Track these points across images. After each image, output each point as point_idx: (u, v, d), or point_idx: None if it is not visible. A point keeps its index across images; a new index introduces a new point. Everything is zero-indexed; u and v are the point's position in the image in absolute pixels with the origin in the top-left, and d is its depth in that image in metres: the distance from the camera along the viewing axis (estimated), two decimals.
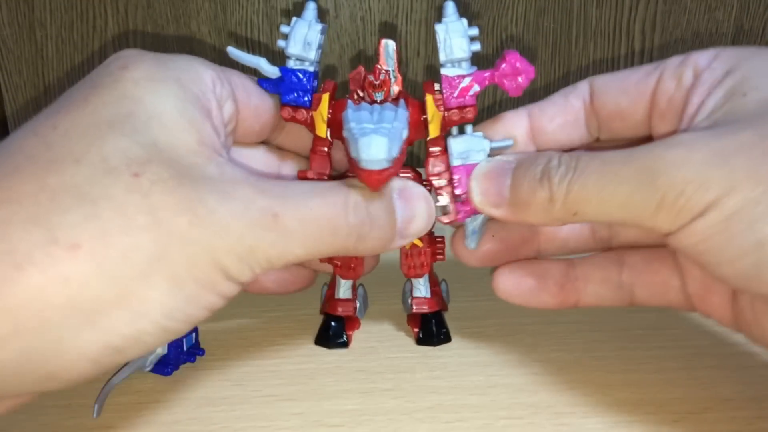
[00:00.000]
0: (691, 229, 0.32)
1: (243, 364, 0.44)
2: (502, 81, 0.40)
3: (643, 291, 0.41)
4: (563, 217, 0.36)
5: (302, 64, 0.41)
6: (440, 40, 0.40)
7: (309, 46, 0.41)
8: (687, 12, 0.76)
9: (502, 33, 0.74)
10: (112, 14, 0.73)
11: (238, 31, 0.74)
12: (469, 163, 0.40)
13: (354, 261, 0.44)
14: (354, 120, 0.37)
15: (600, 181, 0.34)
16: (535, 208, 0.36)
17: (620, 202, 0.33)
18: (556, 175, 0.35)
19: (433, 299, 0.46)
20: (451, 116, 0.40)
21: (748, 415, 0.39)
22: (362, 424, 0.39)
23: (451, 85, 0.40)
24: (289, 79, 0.41)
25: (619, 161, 0.33)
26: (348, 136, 0.37)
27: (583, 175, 0.34)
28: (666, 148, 0.32)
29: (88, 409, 0.39)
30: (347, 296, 0.46)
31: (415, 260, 0.44)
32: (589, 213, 0.35)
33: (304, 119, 0.41)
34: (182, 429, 0.39)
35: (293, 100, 0.41)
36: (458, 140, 0.41)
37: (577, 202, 0.35)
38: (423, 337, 0.46)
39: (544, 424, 0.39)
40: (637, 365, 0.44)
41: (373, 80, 0.40)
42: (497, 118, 0.42)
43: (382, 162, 0.35)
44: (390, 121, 0.37)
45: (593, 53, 0.76)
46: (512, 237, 0.43)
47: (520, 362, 0.44)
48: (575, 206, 0.35)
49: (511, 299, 0.42)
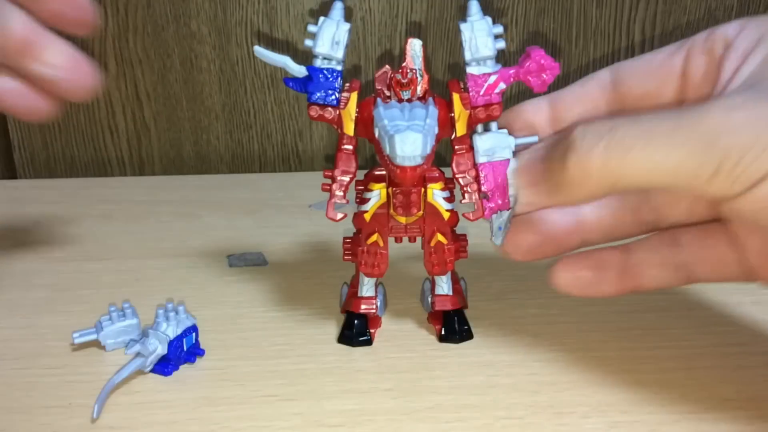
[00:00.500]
0: (753, 195, 0.31)
1: (243, 364, 0.44)
2: (527, 78, 0.40)
3: (701, 268, 0.40)
4: (601, 189, 0.34)
5: (329, 63, 0.41)
6: (465, 39, 0.40)
7: (337, 45, 0.41)
8: (687, 12, 0.76)
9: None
10: (112, 14, 0.73)
11: (238, 31, 0.74)
12: (495, 160, 0.41)
13: (377, 259, 0.45)
14: (387, 117, 0.38)
15: (647, 147, 0.32)
16: (571, 184, 0.35)
17: (670, 168, 0.32)
18: (587, 146, 0.34)
19: (455, 297, 0.46)
20: (478, 114, 0.41)
21: (748, 415, 0.39)
22: (362, 424, 0.39)
23: (477, 84, 0.40)
24: (317, 78, 0.41)
25: (667, 126, 0.32)
26: (381, 133, 0.37)
27: (623, 142, 0.33)
28: (724, 111, 0.31)
29: (88, 409, 0.39)
30: (370, 294, 0.46)
31: (439, 257, 0.45)
32: (632, 181, 0.33)
33: (332, 118, 0.42)
34: (182, 429, 0.39)
35: (321, 98, 0.41)
36: (484, 138, 0.41)
37: (618, 171, 0.33)
38: (445, 334, 0.46)
39: (544, 424, 0.39)
40: (637, 365, 0.44)
41: (400, 79, 0.41)
42: (516, 109, 0.42)
43: (416, 158, 0.36)
44: (422, 119, 0.38)
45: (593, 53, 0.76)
46: (555, 229, 0.41)
47: (520, 362, 0.44)
48: (614, 175, 0.33)
49: (571, 293, 0.41)
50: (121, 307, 0.45)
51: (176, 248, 0.59)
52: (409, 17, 0.75)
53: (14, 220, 0.64)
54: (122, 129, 0.78)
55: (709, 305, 0.50)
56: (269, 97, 0.77)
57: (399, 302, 0.50)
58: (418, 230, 0.44)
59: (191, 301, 0.50)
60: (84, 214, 0.65)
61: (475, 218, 0.42)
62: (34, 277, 0.55)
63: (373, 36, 0.75)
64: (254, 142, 0.79)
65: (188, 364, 0.44)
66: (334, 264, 0.55)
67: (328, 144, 0.80)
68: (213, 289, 0.53)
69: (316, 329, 0.47)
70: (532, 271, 0.55)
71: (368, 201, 0.43)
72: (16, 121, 0.77)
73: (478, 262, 0.54)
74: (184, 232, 0.62)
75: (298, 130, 0.79)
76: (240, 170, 0.80)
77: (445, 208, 0.43)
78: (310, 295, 0.52)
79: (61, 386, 0.42)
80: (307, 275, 0.54)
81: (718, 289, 0.52)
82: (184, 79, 0.76)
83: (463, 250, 0.46)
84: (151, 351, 0.42)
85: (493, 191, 0.41)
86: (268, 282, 0.53)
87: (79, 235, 0.62)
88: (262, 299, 0.51)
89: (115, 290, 0.52)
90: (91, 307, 0.50)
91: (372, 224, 0.44)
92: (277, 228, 0.63)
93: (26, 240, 0.61)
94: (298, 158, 0.80)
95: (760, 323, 0.48)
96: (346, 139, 0.42)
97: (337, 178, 0.42)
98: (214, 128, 0.78)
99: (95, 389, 0.40)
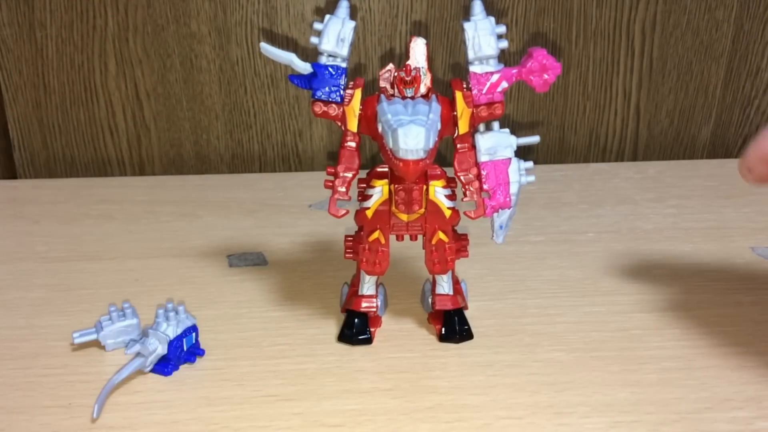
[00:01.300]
0: None
1: (243, 364, 0.44)
2: (529, 77, 0.41)
3: None
4: None
5: (334, 60, 0.42)
6: (468, 38, 0.41)
7: (342, 42, 0.41)
8: (687, 12, 0.76)
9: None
10: (112, 14, 0.73)
11: (238, 31, 0.74)
12: (497, 159, 0.41)
13: (379, 257, 0.45)
14: (390, 112, 0.38)
15: None
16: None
17: None
18: None
19: (456, 297, 0.47)
20: (480, 112, 0.41)
21: (748, 415, 0.39)
22: (362, 424, 0.39)
23: (479, 82, 0.41)
24: (322, 75, 0.41)
25: None
26: (384, 127, 0.38)
27: None
28: None
29: (88, 409, 0.39)
30: (371, 292, 0.47)
31: (440, 255, 0.45)
32: None
33: (336, 114, 0.42)
34: (182, 429, 0.39)
35: (325, 95, 0.42)
36: (486, 136, 0.42)
37: None
38: (445, 334, 0.46)
39: (544, 424, 0.39)
40: (637, 365, 0.44)
41: (404, 77, 0.41)
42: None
43: (419, 152, 0.36)
44: (425, 114, 0.38)
45: (593, 53, 0.76)
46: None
47: (520, 362, 0.44)
48: None
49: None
50: (121, 307, 0.45)
51: (176, 248, 0.59)
52: (409, 17, 0.75)
53: (14, 220, 0.64)
54: (122, 129, 0.78)
55: (709, 305, 0.50)
56: (269, 97, 0.77)
57: (399, 302, 0.50)
58: (419, 228, 0.44)
59: (191, 301, 0.50)
60: (84, 214, 0.65)
61: (477, 216, 0.42)
62: (34, 277, 0.55)
63: (374, 35, 0.75)
64: (254, 142, 0.79)
65: (188, 364, 0.44)
66: (334, 263, 0.55)
67: (328, 144, 0.80)
68: (213, 289, 0.53)
69: (316, 329, 0.47)
70: (532, 271, 0.55)
71: (370, 198, 0.43)
72: (16, 121, 0.77)
73: (478, 262, 0.54)
74: (184, 232, 0.62)
75: (298, 130, 0.79)
76: (240, 170, 0.80)
77: (446, 205, 0.43)
78: (310, 294, 0.52)
79: (61, 386, 0.42)
80: (307, 275, 0.54)
81: (719, 289, 0.52)
82: (184, 79, 0.76)
83: (464, 249, 0.46)
84: (151, 351, 0.42)
85: (494, 190, 0.41)
86: (268, 282, 0.53)
87: (79, 235, 0.62)
88: (262, 299, 0.51)
89: (116, 290, 0.52)
90: (90, 306, 0.50)
91: (374, 221, 0.44)
92: (277, 228, 0.63)
93: (26, 240, 0.61)
94: (298, 158, 0.80)
95: (760, 323, 0.48)
96: (350, 135, 0.42)
97: (339, 174, 0.43)
98: (214, 128, 0.78)
99: (95, 389, 0.40)
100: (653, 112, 0.80)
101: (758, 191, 0.67)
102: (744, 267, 0.55)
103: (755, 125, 0.81)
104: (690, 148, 0.82)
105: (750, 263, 0.56)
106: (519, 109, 0.79)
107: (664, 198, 0.67)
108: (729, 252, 0.57)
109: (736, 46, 0.78)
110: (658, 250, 0.58)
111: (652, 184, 0.71)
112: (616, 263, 0.56)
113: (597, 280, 0.53)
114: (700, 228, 0.62)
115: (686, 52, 0.78)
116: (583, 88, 0.78)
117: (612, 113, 0.80)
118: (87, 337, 0.45)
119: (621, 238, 0.60)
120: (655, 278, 0.54)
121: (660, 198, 0.67)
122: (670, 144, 0.82)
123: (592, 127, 0.80)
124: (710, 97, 0.80)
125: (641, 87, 0.78)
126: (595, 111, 0.79)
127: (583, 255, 0.57)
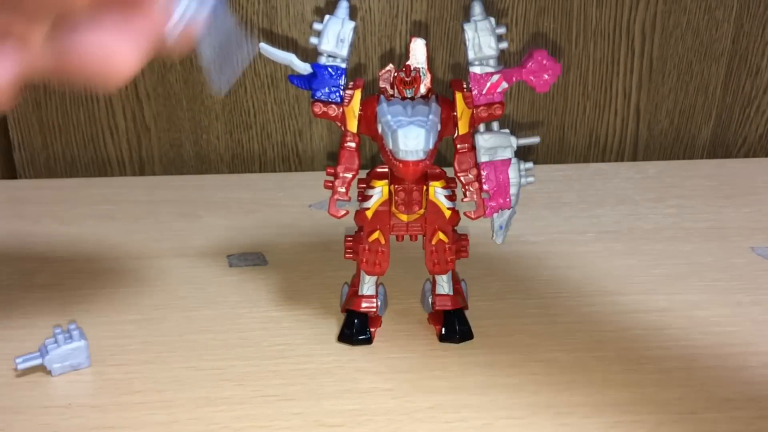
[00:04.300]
0: None
1: (243, 364, 0.44)
2: (529, 78, 0.41)
3: None
4: None
5: (333, 60, 0.42)
6: (469, 39, 0.41)
7: (342, 43, 0.41)
8: (687, 12, 0.76)
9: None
10: None
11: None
12: (497, 160, 0.41)
13: (379, 257, 0.45)
14: (390, 113, 0.39)
15: None
16: None
17: None
18: None
19: (456, 297, 0.47)
20: (480, 113, 0.41)
21: (748, 415, 0.39)
22: (362, 424, 0.39)
23: (479, 83, 0.41)
24: (322, 75, 0.42)
25: None
26: (384, 128, 0.38)
27: None
28: None
29: (88, 409, 0.39)
30: (371, 293, 0.47)
31: (440, 256, 0.45)
32: None
33: (336, 115, 0.42)
34: (182, 429, 0.39)
35: (325, 95, 0.42)
36: (486, 137, 0.42)
37: None
38: (445, 334, 0.46)
39: (544, 424, 0.39)
40: (637, 365, 0.44)
41: (404, 77, 0.41)
42: None
43: (419, 153, 0.36)
44: (425, 115, 0.38)
45: (593, 53, 0.76)
46: None
47: (520, 362, 0.44)
48: None
49: None
50: (67, 328, 0.43)
51: (176, 248, 0.59)
52: (409, 17, 0.75)
53: (14, 220, 0.64)
54: (122, 129, 0.78)
55: (709, 305, 0.50)
56: (269, 97, 0.77)
57: (399, 302, 0.50)
58: (419, 228, 0.44)
59: (191, 301, 0.50)
60: (84, 214, 0.65)
61: (477, 217, 0.42)
62: (34, 277, 0.55)
63: (374, 35, 0.75)
64: (254, 142, 0.79)
65: (186, 364, 0.44)
66: (334, 264, 0.55)
67: (328, 144, 0.80)
68: (213, 289, 0.53)
69: (316, 329, 0.47)
70: (532, 271, 0.55)
71: (370, 198, 0.43)
72: (16, 121, 0.77)
73: (478, 262, 0.54)
74: (184, 232, 0.62)
75: (298, 130, 0.79)
76: (240, 170, 0.80)
77: (446, 206, 0.43)
78: (310, 294, 0.52)
79: (62, 386, 0.42)
80: (307, 275, 0.54)
81: (719, 289, 0.52)
82: (184, 79, 0.76)
83: (464, 249, 0.46)
84: None
85: (494, 190, 0.41)
86: (268, 282, 0.53)
87: (79, 235, 0.62)
88: (262, 299, 0.51)
89: (116, 290, 0.52)
90: (90, 306, 0.50)
91: (374, 221, 0.44)
92: (277, 228, 0.63)
93: (26, 240, 0.61)
94: (298, 158, 0.80)
95: (760, 323, 0.48)
96: (350, 136, 0.42)
97: (339, 174, 0.43)
98: (214, 128, 0.78)
99: (95, 389, 0.40)
100: (653, 112, 0.80)
101: (758, 191, 0.67)
102: (744, 267, 0.55)
103: (755, 125, 0.81)
104: (690, 148, 0.82)
105: (750, 263, 0.56)
106: (519, 110, 0.79)
107: (664, 198, 0.67)
108: (729, 252, 0.57)
109: (736, 46, 0.78)
110: (658, 250, 0.58)
111: (652, 184, 0.71)
112: (616, 263, 0.56)
113: (597, 280, 0.53)
114: (700, 228, 0.62)
115: (686, 52, 0.78)
116: (583, 88, 0.78)
117: (612, 113, 0.80)
118: (31, 362, 0.42)
119: (621, 238, 0.60)
120: (655, 278, 0.54)
121: (660, 198, 0.67)
122: (670, 144, 0.82)
123: (592, 127, 0.80)
124: (710, 97, 0.80)
125: (641, 87, 0.78)
126: (595, 111, 0.79)
127: (583, 255, 0.57)
